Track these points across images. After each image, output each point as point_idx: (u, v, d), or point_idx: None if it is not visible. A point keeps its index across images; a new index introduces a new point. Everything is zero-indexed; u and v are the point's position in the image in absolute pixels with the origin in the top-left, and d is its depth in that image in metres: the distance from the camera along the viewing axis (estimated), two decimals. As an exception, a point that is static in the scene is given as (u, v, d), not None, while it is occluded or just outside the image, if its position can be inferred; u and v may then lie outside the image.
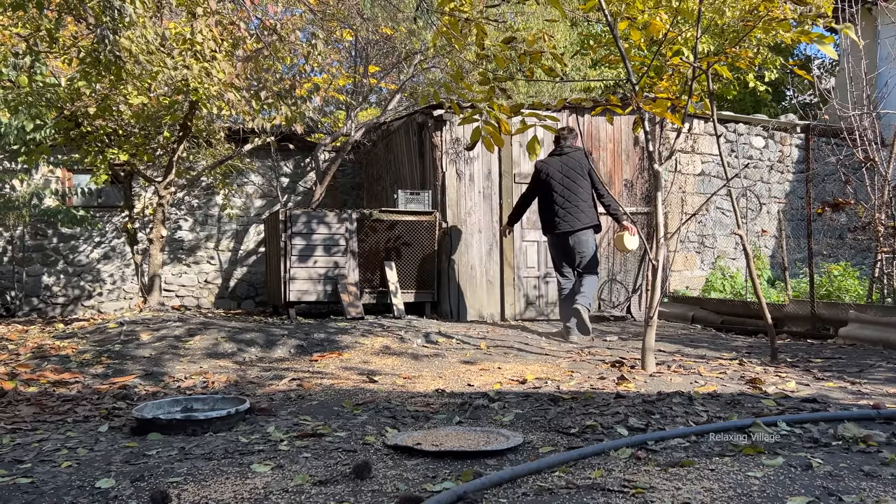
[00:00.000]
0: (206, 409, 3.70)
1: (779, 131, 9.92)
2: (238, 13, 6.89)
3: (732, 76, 9.96)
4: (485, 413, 3.60)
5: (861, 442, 2.85)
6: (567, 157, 6.51)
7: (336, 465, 2.70)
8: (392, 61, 10.60)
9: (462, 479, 2.49)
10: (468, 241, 7.90)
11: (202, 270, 10.30)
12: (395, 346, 5.90)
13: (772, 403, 3.66)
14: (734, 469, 2.53)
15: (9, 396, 4.25)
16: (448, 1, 4.98)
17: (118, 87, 6.83)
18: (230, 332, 5.99)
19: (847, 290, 7.76)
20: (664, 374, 4.74)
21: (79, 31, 7.00)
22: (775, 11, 4.77)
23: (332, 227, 7.69)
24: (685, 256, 9.15)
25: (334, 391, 4.36)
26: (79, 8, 6.00)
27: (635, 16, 4.96)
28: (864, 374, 4.67)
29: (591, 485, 2.37)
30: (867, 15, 10.88)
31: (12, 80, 6.43)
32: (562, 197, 6.45)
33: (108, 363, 5.11)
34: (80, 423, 3.68)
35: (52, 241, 9.81)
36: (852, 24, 4.95)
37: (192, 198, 10.26)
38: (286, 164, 10.64)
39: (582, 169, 6.46)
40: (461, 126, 7.72)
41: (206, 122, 8.24)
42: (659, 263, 4.92)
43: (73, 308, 9.86)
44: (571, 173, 6.46)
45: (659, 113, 4.87)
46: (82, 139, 7.77)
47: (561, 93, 12.46)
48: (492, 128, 4.88)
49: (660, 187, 4.98)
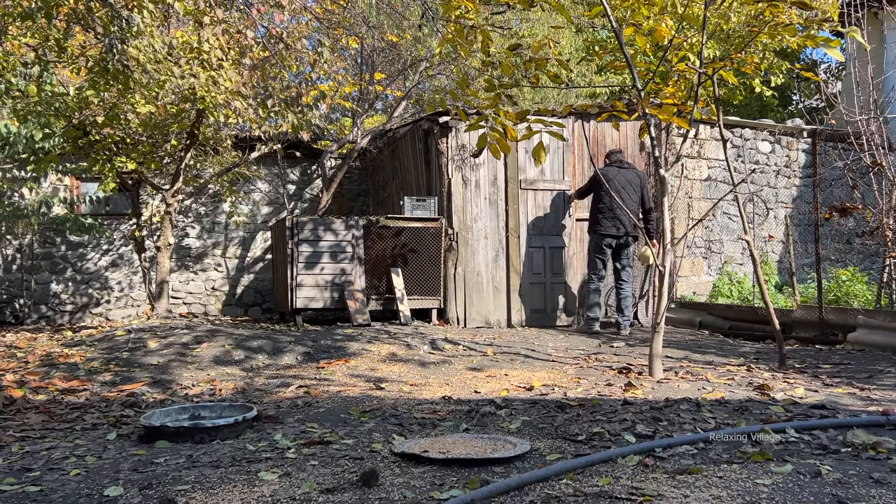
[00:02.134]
0: (213, 416, 3.71)
1: (785, 136, 9.90)
2: (244, 22, 6.92)
3: (738, 81, 9.95)
4: (492, 420, 3.60)
5: (870, 449, 2.84)
6: (626, 171, 7.32)
7: (343, 473, 2.71)
8: (398, 68, 10.63)
9: (469, 486, 2.48)
10: (474, 248, 7.91)
11: (209, 277, 10.33)
12: (402, 352, 5.90)
13: (780, 410, 3.64)
14: (742, 476, 2.52)
15: (18, 404, 4.27)
16: (453, 8, 5.00)
17: (126, 96, 6.86)
18: (237, 339, 6.00)
19: (855, 296, 7.72)
20: (672, 380, 4.73)
21: (87, 41, 7.05)
22: (781, 17, 4.76)
23: (339, 234, 7.70)
24: (692, 262, 9.12)
25: (341, 398, 4.37)
26: (87, 18, 6.04)
27: (640, 22, 4.97)
28: (873, 380, 4.65)
29: (598, 492, 2.37)
30: (873, 19, 10.85)
31: (21, 90, 6.47)
32: (614, 201, 7.00)
33: (117, 371, 5.13)
34: (89, 431, 3.70)
35: (60, 248, 9.86)
36: (859, 28, 4.94)
37: (200, 205, 10.30)
38: (293, 171, 10.67)
39: (636, 184, 7.30)
40: (467, 133, 7.72)
41: (214, 130, 8.27)
42: (666, 269, 4.91)
43: (82, 315, 9.90)
44: (627, 185, 7.23)
45: (665, 118, 4.87)
46: (90, 148, 7.81)
47: (566, 99, 12.47)
48: (498, 134, 4.89)
49: (666, 193, 4.98)
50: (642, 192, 7.32)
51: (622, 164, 7.38)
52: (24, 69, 6.41)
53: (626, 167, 7.37)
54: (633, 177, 7.31)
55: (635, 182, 7.29)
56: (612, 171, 7.25)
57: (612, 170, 7.29)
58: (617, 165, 7.35)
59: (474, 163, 7.94)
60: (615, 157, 7.44)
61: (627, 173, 7.31)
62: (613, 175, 7.21)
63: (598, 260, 7.35)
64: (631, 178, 7.29)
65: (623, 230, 7.22)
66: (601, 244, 7.30)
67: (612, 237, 7.24)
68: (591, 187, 7.45)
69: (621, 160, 7.41)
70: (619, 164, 7.36)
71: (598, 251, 7.34)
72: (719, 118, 5.44)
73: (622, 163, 7.39)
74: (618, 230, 7.21)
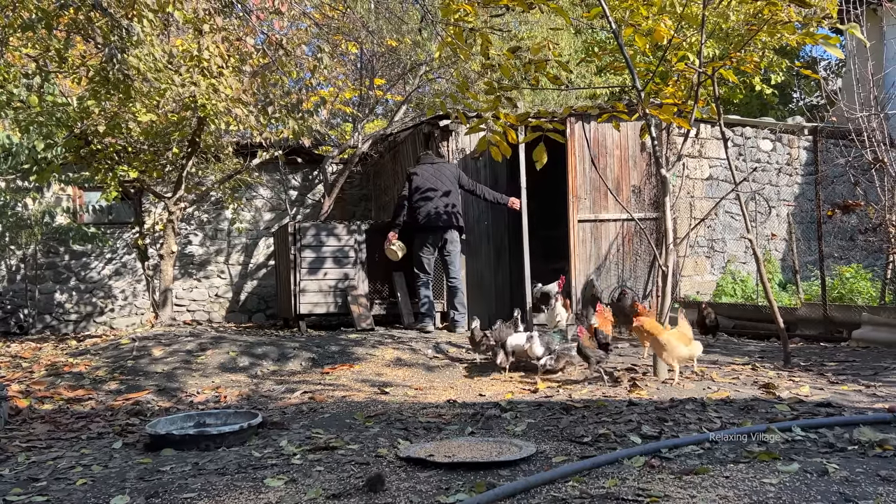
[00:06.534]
0: (218, 423, 3.71)
1: (786, 134, 9.88)
2: (244, 29, 6.94)
3: (738, 80, 9.94)
4: (497, 423, 3.59)
5: (877, 446, 2.83)
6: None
7: (349, 479, 2.70)
8: (398, 73, 10.65)
9: (475, 490, 2.48)
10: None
11: (213, 285, 10.34)
12: (407, 357, 5.90)
13: (786, 408, 3.63)
14: (749, 476, 2.51)
15: (23, 414, 4.28)
16: (452, 11, 5.00)
17: (127, 105, 6.88)
18: (242, 346, 6.01)
19: (859, 293, 7.69)
20: (676, 380, 4.72)
21: (87, 51, 7.07)
22: (780, 14, 4.76)
23: (342, 239, 7.71)
24: (695, 261, 9.10)
25: (346, 403, 4.37)
26: (87, 28, 6.06)
27: (639, 22, 4.97)
28: (878, 377, 4.63)
29: (605, 494, 2.36)
30: (873, 16, 10.84)
31: (23, 100, 6.49)
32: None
33: (122, 379, 5.13)
34: (95, 440, 3.70)
35: (63, 258, 9.88)
36: (858, 24, 4.93)
37: (202, 212, 10.31)
38: (294, 177, 10.69)
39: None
40: (468, 136, 7.73)
41: (215, 137, 8.28)
42: (669, 269, 4.90)
43: (86, 324, 9.92)
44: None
45: (665, 118, 4.87)
46: (92, 157, 7.83)
47: (567, 100, 12.46)
48: (498, 137, 4.89)
49: (668, 192, 4.97)
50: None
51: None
52: (25, 80, 6.43)
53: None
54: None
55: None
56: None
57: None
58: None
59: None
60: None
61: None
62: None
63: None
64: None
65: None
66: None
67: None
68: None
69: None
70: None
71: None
72: (720, 117, 5.43)
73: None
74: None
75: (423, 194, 7.07)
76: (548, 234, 9.11)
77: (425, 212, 7.05)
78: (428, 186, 7.08)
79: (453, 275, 7.21)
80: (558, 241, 8.50)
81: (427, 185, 7.08)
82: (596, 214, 8.02)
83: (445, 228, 7.12)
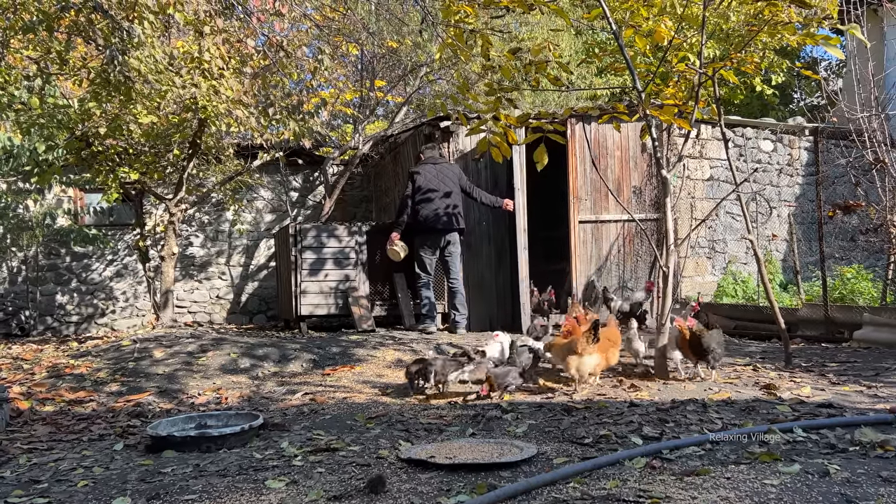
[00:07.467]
0: (219, 425, 3.71)
1: (787, 134, 9.87)
2: (245, 31, 6.94)
3: (739, 80, 9.94)
4: (498, 424, 3.59)
5: (878, 447, 2.82)
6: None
7: (350, 480, 2.70)
8: (398, 74, 10.64)
9: (476, 491, 2.48)
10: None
11: (214, 286, 10.34)
12: (408, 358, 5.90)
13: (787, 409, 3.63)
14: (750, 477, 2.51)
15: (25, 416, 4.28)
16: (453, 13, 5.01)
17: (128, 107, 6.89)
18: (243, 347, 6.01)
19: (861, 293, 7.68)
20: (677, 381, 4.72)
21: (88, 53, 7.07)
22: (780, 15, 4.77)
23: (342, 241, 7.71)
24: (696, 262, 9.10)
25: (347, 405, 4.37)
26: (88, 30, 6.07)
27: (640, 23, 4.97)
28: (880, 378, 4.63)
29: (606, 495, 2.36)
30: (873, 16, 10.84)
31: (24, 102, 6.50)
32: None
33: (123, 381, 5.13)
34: (96, 442, 3.70)
35: (65, 260, 9.89)
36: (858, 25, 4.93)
37: (203, 214, 10.32)
38: (295, 178, 10.69)
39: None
40: (468, 137, 7.73)
41: (216, 139, 8.29)
42: (670, 270, 4.90)
43: (87, 326, 9.92)
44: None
45: (666, 119, 4.87)
46: (93, 159, 7.83)
47: (567, 101, 12.47)
48: (499, 138, 4.89)
49: (668, 193, 4.97)
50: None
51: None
52: (26, 82, 6.43)
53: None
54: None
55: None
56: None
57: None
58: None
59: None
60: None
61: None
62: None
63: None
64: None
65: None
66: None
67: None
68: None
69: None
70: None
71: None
72: (720, 118, 5.43)
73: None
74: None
75: (424, 195, 7.06)
76: (548, 235, 9.11)
77: (426, 213, 7.04)
78: (430, 187, 7.08)
79: (454, 276, 7.20)
80: (559, 242, 8.51)
81: (429, 186, 7.08)
82: (597, 215, 8.02)
83: (446, 231, 7.11)
